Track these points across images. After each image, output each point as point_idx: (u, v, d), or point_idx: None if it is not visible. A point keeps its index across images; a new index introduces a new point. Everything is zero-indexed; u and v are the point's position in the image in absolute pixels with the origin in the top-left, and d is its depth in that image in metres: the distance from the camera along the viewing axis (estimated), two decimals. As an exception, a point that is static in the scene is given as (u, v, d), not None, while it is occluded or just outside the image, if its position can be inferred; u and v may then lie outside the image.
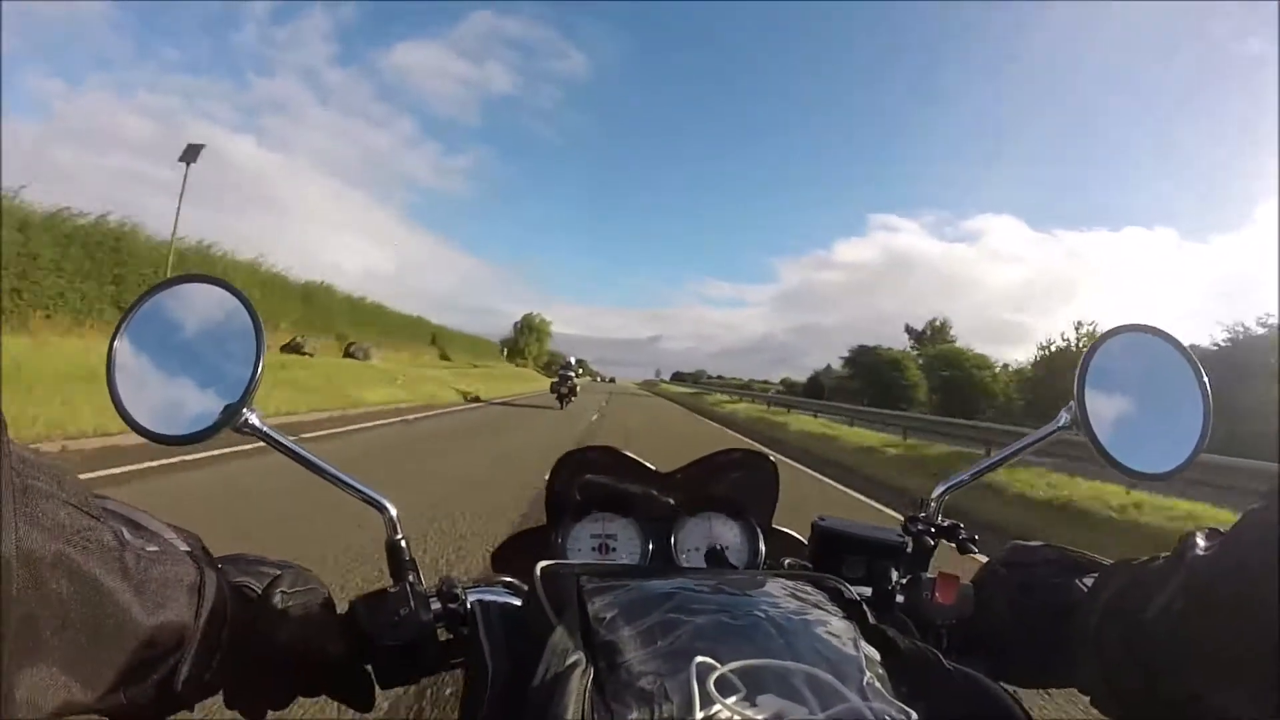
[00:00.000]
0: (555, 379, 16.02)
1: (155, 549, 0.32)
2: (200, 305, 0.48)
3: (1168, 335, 0.52)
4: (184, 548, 0.35)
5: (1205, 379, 0.51)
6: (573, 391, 15.71)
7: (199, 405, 0.45)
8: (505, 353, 54.72)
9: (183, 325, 0.47)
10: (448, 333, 41.36)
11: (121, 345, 0.45)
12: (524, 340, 61.19)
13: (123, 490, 3.41)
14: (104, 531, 0.28)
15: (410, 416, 10.63)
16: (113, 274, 12.19)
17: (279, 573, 0.42)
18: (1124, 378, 0.52)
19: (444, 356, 35.44)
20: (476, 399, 16.43)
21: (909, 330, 44.63)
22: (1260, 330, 19.71)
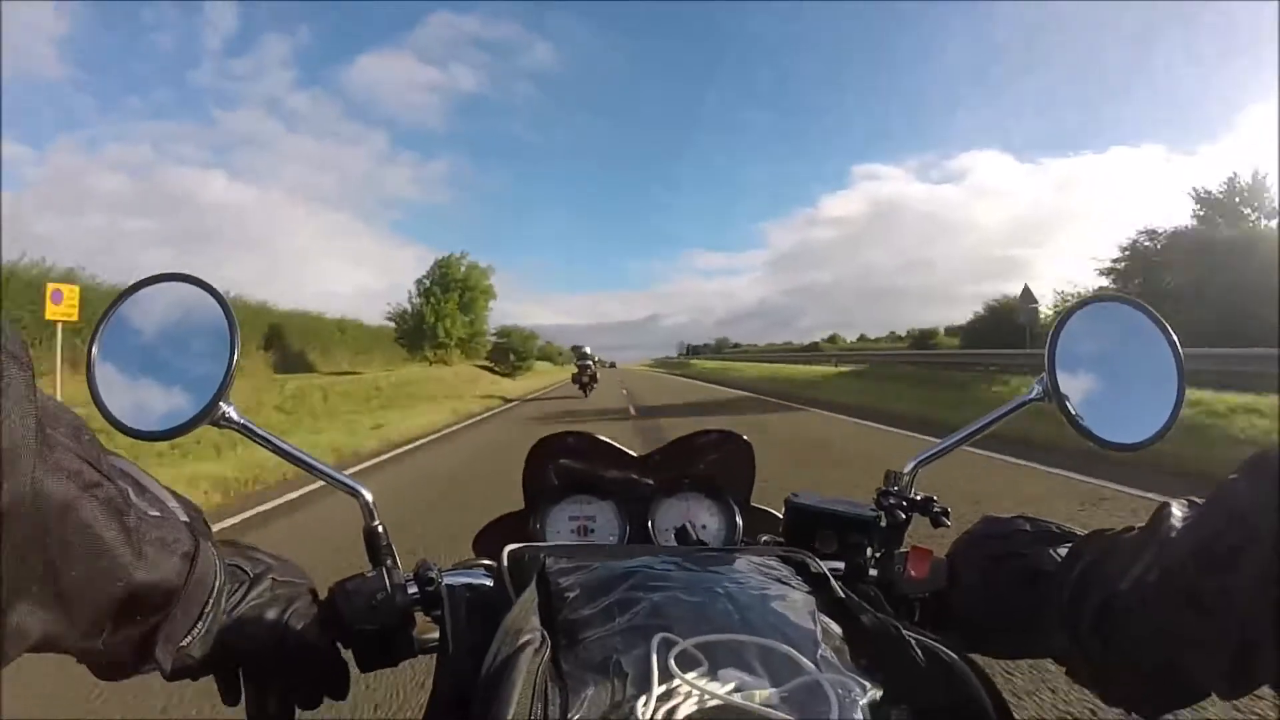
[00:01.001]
0: (576, 369, 17.41)
1: (157, 514, 0.34)
2: (176, 303, 0.48)
3: (1141, 304, 0.52)
4: (184, 518, 0.36)
5: (1179, 348, 0.50)
6: (594, 379, 16.74)
7: (177, 401, 0.46)
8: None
9: (159, 323, 0.48)
10: (326, 325, 23.11)
11: (100, 345, 0.46)
12: (435, 311, 26.56)
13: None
14: (111, 489, 0.29)
15: None
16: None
17: (271, 563, 0.44)
18: (1097, 347, 0.52)
19: (287, 368, 17.83)
20: None
21: (1201, 198, 19.79)
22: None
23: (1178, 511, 0.36)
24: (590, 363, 16.84)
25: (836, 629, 0.36)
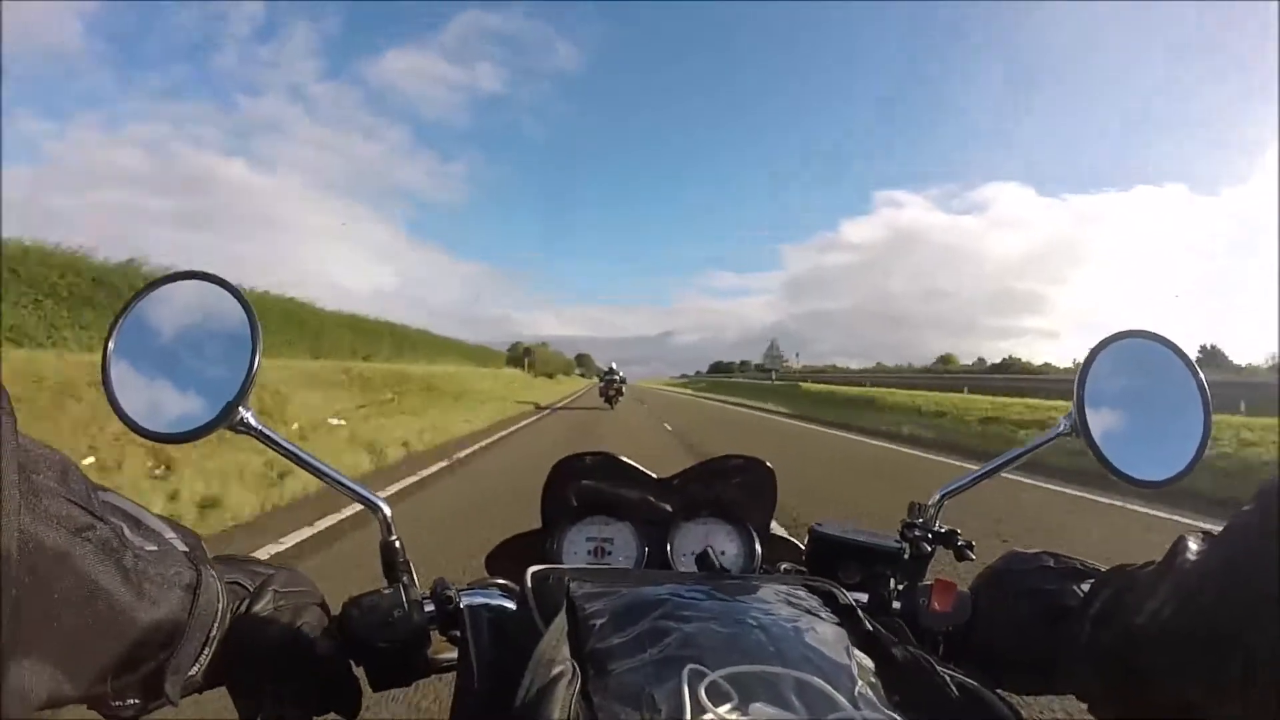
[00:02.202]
0: (602, 383, 19.73)
1: (154, 548, 0.33)
2: (196, 302, 0.47)
3: (1167, 341, 0.52)
4: (182, 548, 0.35)
5: (1205, 384, 0.50)
6: (619, 392, 18.95)
7: (194, 403, 0.45)
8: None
9: (178, 322, 0.47)
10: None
11: (117, 343, 0.45)
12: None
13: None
14: (105, 530, 0.29)
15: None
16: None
17: (272, 573, 0.43)
18: (1124, 384, 0.52)
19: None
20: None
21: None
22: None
23: (1193, 545, 0.36)
24: (616, 378, 19.39)
25: (869, 663, 0.35)
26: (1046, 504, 5.24)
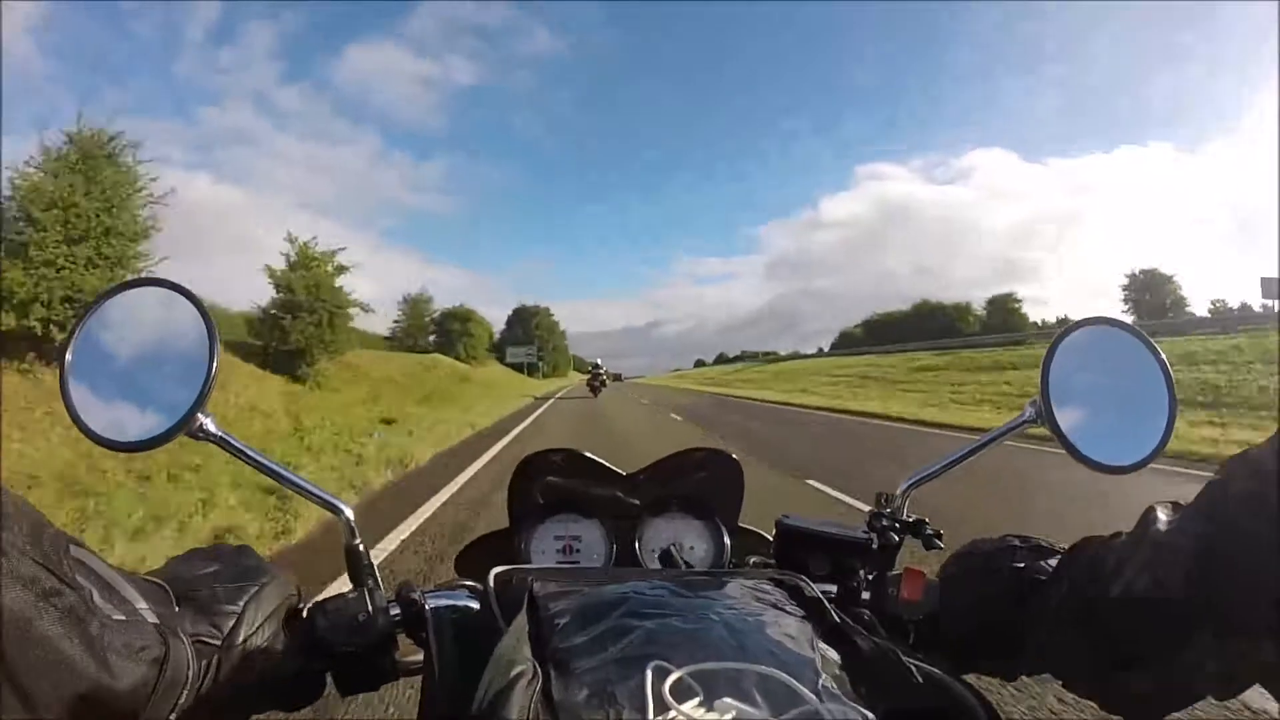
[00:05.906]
0: (589, 376, 24.31)
1: (121, 617, 0.32)
2: (153, 309, 0.47)
3: (1132, 328, 0.53)
4: (152, 619, 0.34)
5: (1170, 371, 0.51)
6: (604, 384, 22.97)
7: (153, 411, 0.44)
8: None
9: (136, 330, 0.47)
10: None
11: (75, 352, 0.44)
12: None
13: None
14: (71, 596, 0.28)
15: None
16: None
17: (240, 612, 0.39)
18: (1089, 371, 0.52)
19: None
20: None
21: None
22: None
23: (1163, 515, 0.37)
24: (601, 372, 23.55)
25: (834, 656, 0.36)
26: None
